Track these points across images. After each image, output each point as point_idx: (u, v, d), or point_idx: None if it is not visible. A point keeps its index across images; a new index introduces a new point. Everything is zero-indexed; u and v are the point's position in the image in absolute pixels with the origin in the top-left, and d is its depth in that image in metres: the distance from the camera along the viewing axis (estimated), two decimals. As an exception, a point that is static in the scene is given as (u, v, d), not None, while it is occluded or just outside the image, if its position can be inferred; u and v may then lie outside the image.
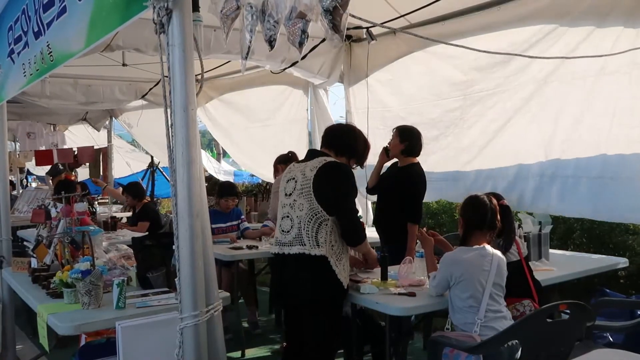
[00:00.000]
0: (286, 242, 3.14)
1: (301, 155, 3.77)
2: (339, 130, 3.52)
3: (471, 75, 4.72)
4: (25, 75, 3.68)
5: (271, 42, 1.79)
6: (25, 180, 14.32)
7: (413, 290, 3.19)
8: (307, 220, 3.07)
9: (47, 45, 3.14)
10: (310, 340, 3.17)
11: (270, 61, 5.20)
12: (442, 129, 5.00)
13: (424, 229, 3.66)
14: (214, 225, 4.81)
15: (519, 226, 3.82)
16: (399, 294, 3.16)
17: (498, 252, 3.03)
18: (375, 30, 5.09)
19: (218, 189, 5.70)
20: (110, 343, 2.96)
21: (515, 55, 4.06)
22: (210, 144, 13.80)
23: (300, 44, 1.81)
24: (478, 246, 3.01)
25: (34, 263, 3.79)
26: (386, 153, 4.44)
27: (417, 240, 3.75)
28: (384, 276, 3.43)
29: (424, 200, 4.38)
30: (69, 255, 3.54)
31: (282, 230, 3.19)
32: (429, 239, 3.44)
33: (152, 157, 11.00)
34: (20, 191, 9.22)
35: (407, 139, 4.30)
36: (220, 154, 13.43)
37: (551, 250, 4.18)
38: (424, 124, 4.77)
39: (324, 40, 5.20)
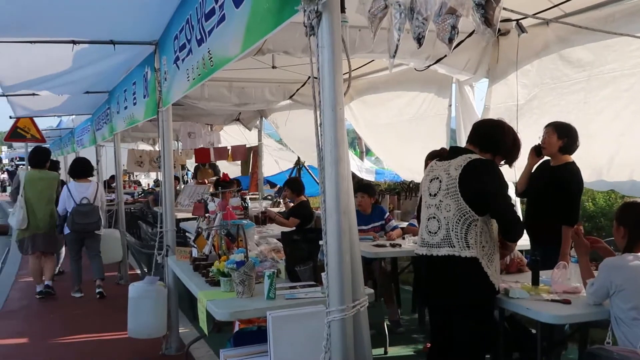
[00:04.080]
0: (434, 244, 3.09)
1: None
2: (486, 126, 3.38)
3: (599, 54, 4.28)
4: (188, 80, 4.00)
5: (419, 40, 1.77)
6: (185, 176, 15.61)
7: (568, 298, 2.99)
8: (455, 222, 2.99)
9: (208, 52, 3.39)
10: (459, 344, 3.09)
11: (414, 59, 5.15)
12: (564, 115, 4.56)
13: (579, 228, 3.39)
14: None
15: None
16: (552, 300, 2.99)
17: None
18: (525, 22, 4.83)
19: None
20: (261, 331, 3.13)
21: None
22: (354, 142, 13.97)
23: (450, 40, 1.77)
24: (645, 253, 2.74)
25: (195, 253, 4.12)
26: (536, 152, 4.19)
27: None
28: (536, 281, 3.25)
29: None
30: (225, 246, 3.80)
31: (429, 232, 3.14)
32: (584, 242, 3.19)
33: (298, 155, 11.42)
34: (182, 186, 10.05)
35: (566, 136, 4.02)
36: (363, 152, 13.55)
37: None
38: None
39: (470, 35, 5.04)
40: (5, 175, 37.69)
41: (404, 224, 6.05)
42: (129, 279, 7.47)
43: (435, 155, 5.19)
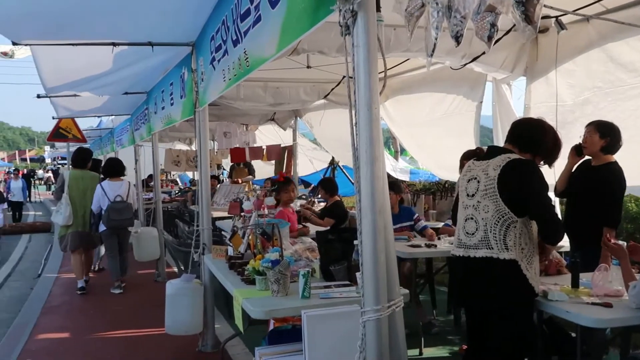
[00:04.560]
0: (471, 245, 3.05)
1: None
2: (525, 125, 3.31)
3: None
4: (224, 80, 4.05)
5: (457, 38, 1.75)
6: (221, 175, 15.79)
7: (609, 301, 2.91)
8: (493, 223, 2.95)
9: (244, 52, 3.42)
10: (497, 347, 3.04)
11: (450, 57, 5.09)
12: (620, 122, 4.40)
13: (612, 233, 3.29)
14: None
15: None
16: (593, 303, 2.91)
17: None
18: (564, 19, 4.72)
19: None
20: (296, 330, 3.14)
21: None
22: (388, 142, 13.92)
23: (489, 38, 1.74)
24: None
25: (230, 251, 4.17)
26: (577, 152, 4.10)
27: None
28: (575, 283, 3.18)
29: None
30: (261, 245, 3.83)
31: (467, 233, 3.10)
32: (617, 247, 3.10)
33: (332, 155, 11.42)
34: (218, 186, 10.17)
35: (608, 135, 3.93)
36: (397, 152, 13.48)
37: None
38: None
39: (507, 32, 4.96)
40: (49, 174, 38.85)
41: (440, 224, 6.00)
42: (166, 277, 7.61)
43: (471, 155, 5.12)
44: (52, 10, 3.96)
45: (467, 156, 5.16)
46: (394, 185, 5.59)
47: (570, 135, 4.38)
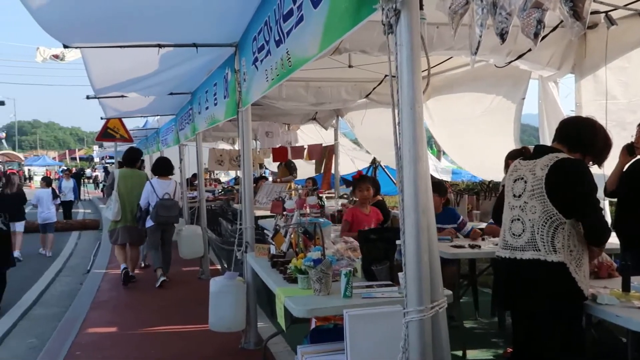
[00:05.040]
0: (517, 247, 2.99)
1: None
2: (575, 124, 3.21)
3: None
4: (267, 80, 4.08)
5: (503, 36, 1.72)
6: (263, 174, 15.95)
7: (663, 305, 2.81)
8: (541, 224, 2.88)
9: (287, 52, 3.44)
10: (543, 351, 2.97)
11: (495, 55, 5.00)
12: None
13: None
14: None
15: None
16: (644, 307, 2.81)
17: None
18: (614, 14, 4.57)
19: None
20: (338, 329, 3.15)
21: None
22: (430, 141, 13.77)
23: (536, 35, 1.70)
24: None
25: (273, 250, 4.20)
26: (628, 151, 3.96)
27: None
28: (626, 287, 3.07)
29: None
30: (303, 244, 3.85)
31: (513, 234, 3.04)
32: None
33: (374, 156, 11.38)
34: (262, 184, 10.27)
35: None
36: (440, 152, 13.33)
37: None
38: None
39: (554, 29, 4.84)
40: (97, 173, 40.05)
41: (483, 225, 5.89)
42: (209, 274, 7.74)
43: (516, 155, 5.00)
44: (102, 15, 4.08)
45: (512, 156, 5.04)
46: (439, 187, 5.47)
47: (624, 135, 4.24)
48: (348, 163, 12.37)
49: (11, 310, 6.83)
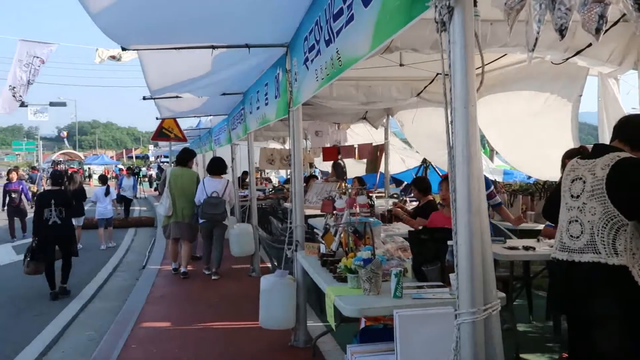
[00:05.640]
0: (575, 249, 2.89)
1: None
2: (637, 122, 3.07)
3: None
4: (317, 80, 4.10)
5: (562, 31, 1.66)
6: (312, 172, 16.02)
7: None
8: (601, 226, 2.78)
9: (336, 52, 3.45)
10: (601, 359, 2.86)
11: (552, 51, 4.84)
12: None
13: None
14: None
15: None
16: None
17: None
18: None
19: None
20: (387, 329, 3.13)
21: None
22: (483, 141, 13.51)
23: (598, 31, 1.64)
24: None
25: (323, 248, 4.22)
26: None
27: None
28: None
29: None
30: (353, 243, 3.85)
31: (571, 236, 2.93)
32: None
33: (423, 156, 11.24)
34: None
35: None
36: (493, 151, 13.06)
37: None
38: None
39: (615, 23, 4.65)
40: (151, 172, 41.21)
41: (539, 226, 5.74)
42: (260, 272, 7.86)
43: (574, 154, 4.83)
44: (158, 18, 4.19)
45: (570, 155, 4.87)
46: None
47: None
48: (398, 162, 12.27)
49: (71, 304, 7.12)
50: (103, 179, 13.28)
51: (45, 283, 7.35)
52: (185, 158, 8.69)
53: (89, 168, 50.60)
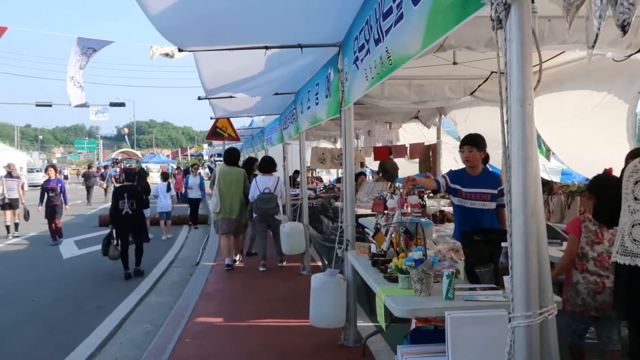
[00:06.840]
0: (639, 253, 2.78)
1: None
2: None
3: None
4: (367, 79, 4.09)
5: (624, 27, 1.60)
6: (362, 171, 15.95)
7: None
8: None
9: (386, 51, 3.42)
10: None
11: (612, 48, 4.66)
12: None
13: None
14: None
15: None
16: None
17: None
18: None
19: None
20: (438, 331, 3.10)
21: None
22: (539, 140, 13.13)
23: (663, 25, 1.58)
24: None
25: (373, 248, 4.20)
26: None
27: None
28: None
29: None
30: (404, 243, 3.82)
31: (634, 240, 2.83)
32: None
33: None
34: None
35: None
36: (550, 151, 12.66)
37: None
38: None
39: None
40: (201, 170, 42.02)
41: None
42: (310, 270, 7.91)
43: (637, 154, 4.64)
44: (213, 21, 4.28)
45: (633, 155, 4.68)
46: (476, 140, 5.14)
47: None
48: (451, 162, 12.08)
49: (129, 297, 7.37)
50: (165, 176, 14.19)
51: (106, 277, 7.69)
52: (231, 158, 9.22)
53: (146, 166, 52.14)
